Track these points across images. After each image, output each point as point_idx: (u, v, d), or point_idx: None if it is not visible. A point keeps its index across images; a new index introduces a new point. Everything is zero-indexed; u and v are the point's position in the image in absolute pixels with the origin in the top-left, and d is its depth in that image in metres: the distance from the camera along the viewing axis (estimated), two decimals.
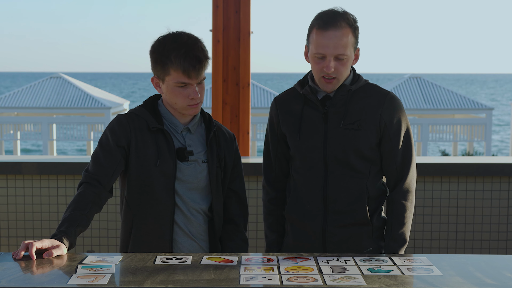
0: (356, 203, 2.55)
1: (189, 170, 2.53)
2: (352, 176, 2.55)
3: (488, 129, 19.66)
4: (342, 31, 2.47)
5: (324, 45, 2.47)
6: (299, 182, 2.62)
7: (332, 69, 2.48)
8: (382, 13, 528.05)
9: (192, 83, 2.44)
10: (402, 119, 2.58)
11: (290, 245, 2.68)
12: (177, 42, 2.43)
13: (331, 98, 2.57)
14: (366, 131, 2.54)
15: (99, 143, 2.52)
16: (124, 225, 2.59)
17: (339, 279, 2.04)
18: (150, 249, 2.51)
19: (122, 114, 2.56)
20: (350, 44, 2.49)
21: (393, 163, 2.58)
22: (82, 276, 2.05)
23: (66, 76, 21.43)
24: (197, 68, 2.41)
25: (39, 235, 4.07)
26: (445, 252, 4.09)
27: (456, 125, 19.99)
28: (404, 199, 2.58)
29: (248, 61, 4.18)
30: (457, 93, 20.92)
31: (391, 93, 2.60)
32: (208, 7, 4.38)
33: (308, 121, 2.59)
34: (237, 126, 4.18)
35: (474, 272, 2.14)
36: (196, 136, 2.58)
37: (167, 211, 2.51)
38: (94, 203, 2.43)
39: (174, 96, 2.47)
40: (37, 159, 4.22)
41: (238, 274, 2.09)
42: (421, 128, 19.52)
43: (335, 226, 2.57)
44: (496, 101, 69.83)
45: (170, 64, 2.42)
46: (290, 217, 2.67)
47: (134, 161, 2.50)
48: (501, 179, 4.04)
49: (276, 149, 2.71)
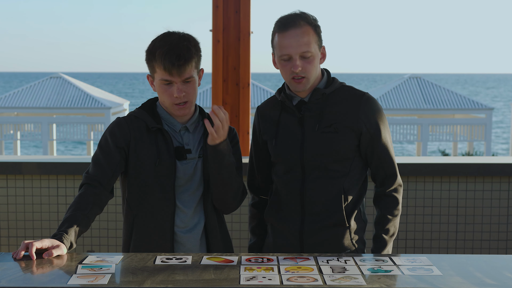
0: (332, 205, 2.57)
1: (188, 169, 2.54)
2: (329, 177, 2.58)
3: (488, 129, 19.67)
4: (302, 29, 2.49)
5: (287, 45, 2.49)
6: (278, 185, 2.67)
7: (300, 68, 2.49)
8: (382, 13, 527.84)
9: (175, 81, 2.45)
10: (380, 118, 2.61)
11: (270, 245, 2.72)
12: (164, 40, 2.46)
13: (306, 103, 2.59)
14: (343, 133, 2.55)
15: (98, 146, 2.54)
16: (126, 226, 2.60)
17: (339, 279, 2.04)
18: (151, 249, 2.51)
19: (121, 117, 2.59)
20: (313, 41, 2.51)
21: (379, 159, 2.61)
22: (82, 276, 2.05)
23: (66, 76, 21.44)
24: (177, 66, 2.41)
25: (39, 235, 4.07)
26: (445, 252, 4.09)
27: (456, 125, 20.01)
28: (396, 192, 2.65)
29: (248, 61, 4.18)
30: (457, 93, 20.93)
31: (366, 93, 2.63)
32: (208, 7, 4.38)
33: (285, 126, 2.62)
34: (237, 126, 4.18)
35: (474, 272, 2.14)
36: (195, 135, 2.59)
37: (167, 211, 2.52)
38: (95, 203, 2.44)
39: (161, 94, 2.51)
40: (37, 159, 4.22)
41: (238, 274, 2.09)
42: (421, 128, 19.53)
43: (312, 227, 2.59)
44: (496, 101, 69.83)
45: (155, 61, 2.46)
46: (269, 219, 2.71)
47: (133, 162, 2.51)
48: (501, 179, 4.04)
49: (259, 156, 2.76)
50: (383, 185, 2.65)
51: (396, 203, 2.64)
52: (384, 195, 2.65)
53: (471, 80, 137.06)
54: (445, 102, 20.42)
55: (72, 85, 20.90)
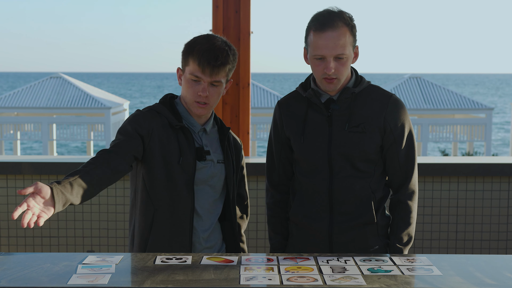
0: (362, 204, 2.56)
1: (206, 170, 2.55)
2: (357, 177, 2.56)
3: (488, 129, 19.67)
4: (340, 31, 2.46)
5: (322, 46, 2.46)
6: (304, 184, 2.62)
7: (333, 70, 2.47)
8: (382, 13, 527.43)
9: (205, 79, 2.47)
10: (406, 121, 2.59)
11: (295, 247, 2.67)
12: (207, 39, 2.49)
13: (334, 101, 2.57)
14: (371, 134, 2.54)
15: (118, 131, 2.49)
16: (144, 219, 2.53)
17: (339, 279, 2.04)
18: (170, 244, 2.51)
19: (142, 110, 2.57)
20: (348, 43, 2.48)
21: (398, 165, 2.59)
22: (82, 276, 2.05)
23: (66, 76, 21.43)
24: (212, 66, 2.44)
25: (39, 235, 4.07)
26: (445, 252, 4.09)
27: (456, 125, 20.00)
28: (410, 200, 2.61)
29: (248, 61, 4.18)
30: (457, 93, 20.92)
31: (394, 95, 2.61)
32: (208, 7, 4.38)
33: (312, 124, 2.59)
34: (237, 126, 4.18)
35: (474, 272, 2.14)
36: (211, 137, 2.61)
37: (187, 208, 2.51)
38: (103, 164, 2.31)
39: (186, 88, 2.51)
40: (37, 159, 4.21)
41: (238, 274, 2.09)
42: (421, 128, 19.52)
43: (342, 227, 2.57)
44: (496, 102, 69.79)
45: (191, 54, 2.47)
46: (295, 219, 2.67)
47: (157, 155, 2.48)
48: (501, 179, 4.04)
49: (280, 153, 2.71)
50: (398, 192, 2.62)
51: (409, 210, 2.61)
52: (398, 202, 2.61)
53: (470, 80, 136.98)
54: (445, 102, 20.41)
55: (72, 85, 20.89)
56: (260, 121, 19.32)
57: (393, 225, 2.61)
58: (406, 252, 2.59)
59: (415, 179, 2.63)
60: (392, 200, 2.64)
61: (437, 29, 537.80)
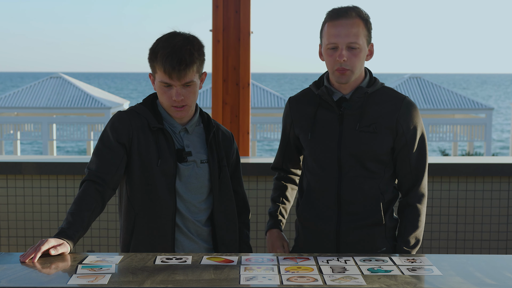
0: (371, 205, 2.55)
1: (188, 171, 2.52)
2: (366, 177, 2.55)
3: (488, 129, 19.66)
4: (353, 20, 2.47)
5: (335, 34, 2.47)
6: (312, 182, 2.62)
7: (345, 58, 2.46)
8: (382, 13, 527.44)
9: (174, 84, 2.43)
10: (418, 124, 2.58)
11: (302, 246, 2.67)
12: (168, 42, 2.44)
13: (347, 100, 2.56)
14: (382, 134, 2.53)
15: (100, 140, 2.50)
16: (126, 224, 2.56)
17: (339, 279, 2.04)
18: (152, 248, 2.50)
19: (122, 111, 2.55)
20: (362, 34, 2.49)
21: (409, 167, 2.58)
22: (82, 276, 2.05)
23: (66, 76, 21.43)
24: (178, 70, 2.39)
25: (39, 235, 4.07)
26: (445, 252, 4.08)
27: (456, 125, 19.99)
28: (419, 203, 2.60)
29: (248, 61, 4.18)
30: (457, 93, 20.92)
31: (407, 97, 2.60)
32: (208, 7, 4.38)
33: (322, 122, 2.58)
34: (237, 126, 4.18)
35: (474, 272, 2.14)
36: (194, 137, 2.57)
37: (168, 211, 2.50)
38: (98, 202, 2.42)
39: (160, 95, 2.49)
40: (37, 159, 4.21)
41: (238, 274, 2.09)
42: None
43: (349, 227, 2.56)
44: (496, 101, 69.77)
45: (156, 62, 2.44)
46: (302, 218, 2.66)
47: (136, 159, 2.49)
48: (501, 179, 4.04)
49: (285, 149, 2.78)
50: (407, 194, 2.61)
51: (418, 214, 2.59)
52: (407, 204, 2.60)
53: (472, 80, 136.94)
54: (445, 102, 20.41)
55: (72, 85, 20.89)
56: (260, 121, 19.32)
57: (401, 228, 2.60)
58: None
59: (425, 183, 2.61)
60: (401, 202, 2.63)
61: (437, 29, 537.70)
